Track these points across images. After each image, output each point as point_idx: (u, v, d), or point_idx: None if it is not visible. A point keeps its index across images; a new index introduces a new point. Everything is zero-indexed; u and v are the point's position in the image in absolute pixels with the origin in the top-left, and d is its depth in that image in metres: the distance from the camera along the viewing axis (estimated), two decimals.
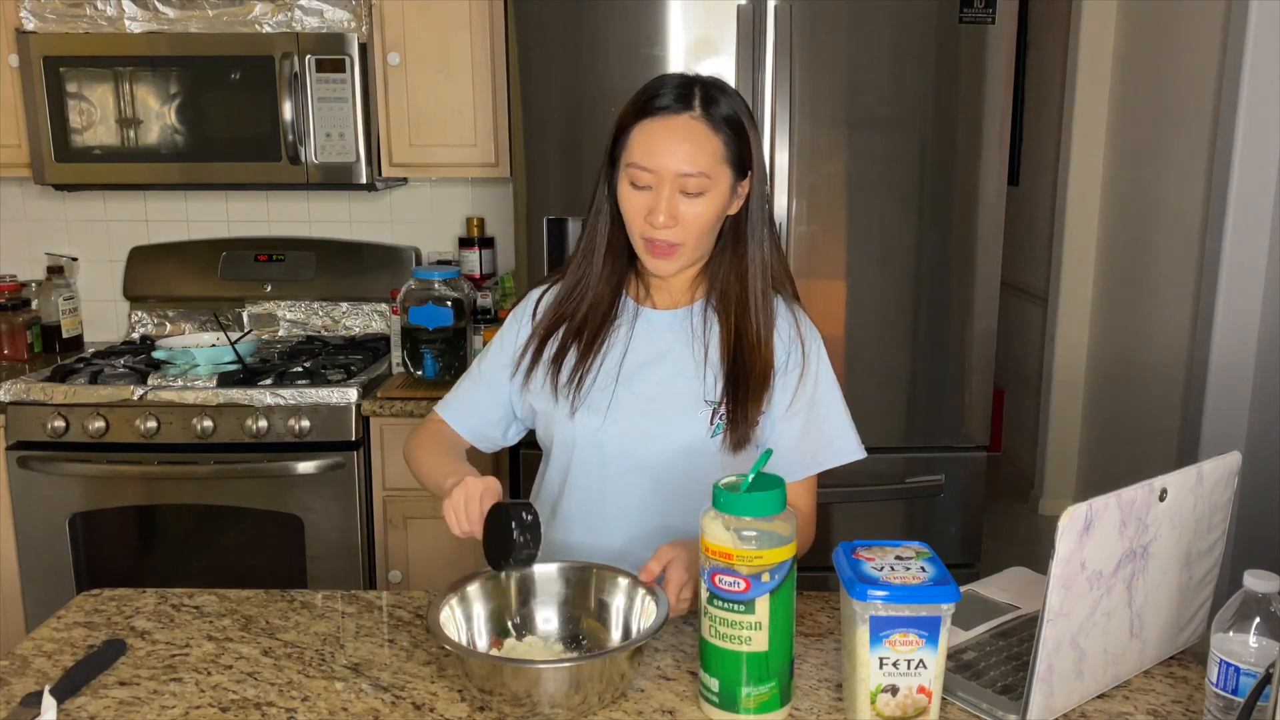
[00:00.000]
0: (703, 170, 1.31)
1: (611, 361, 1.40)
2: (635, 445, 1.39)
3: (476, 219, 2.81)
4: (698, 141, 1.31)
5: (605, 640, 1.19)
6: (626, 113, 1.35)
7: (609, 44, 2.14)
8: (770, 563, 1.03)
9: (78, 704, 1.11)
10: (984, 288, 2.24)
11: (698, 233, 1.34)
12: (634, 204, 1.33)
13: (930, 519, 2.32)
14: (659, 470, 1.39)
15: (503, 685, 1.04)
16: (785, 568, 1.04)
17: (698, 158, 1.31)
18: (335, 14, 2.44)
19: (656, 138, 1.31)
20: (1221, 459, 1.13)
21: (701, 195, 1.32)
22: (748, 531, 1.04)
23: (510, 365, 1.46)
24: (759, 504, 1.05)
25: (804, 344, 1.42)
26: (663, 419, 1.38)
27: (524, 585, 1.22)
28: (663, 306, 1.43)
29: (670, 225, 1.31)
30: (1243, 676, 0.99)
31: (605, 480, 1.41)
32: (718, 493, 1.07)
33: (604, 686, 1.07)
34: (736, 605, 1.04)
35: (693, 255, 1.36)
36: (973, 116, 2.16)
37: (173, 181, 2.55)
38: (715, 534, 1.05)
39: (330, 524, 2.34)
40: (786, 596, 1.06)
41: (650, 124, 1.31)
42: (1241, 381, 2.83)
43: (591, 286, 1.42)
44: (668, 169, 1.30)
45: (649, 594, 1.17)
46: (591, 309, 1.41)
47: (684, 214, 1.32)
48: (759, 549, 1.03)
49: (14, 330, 2.67)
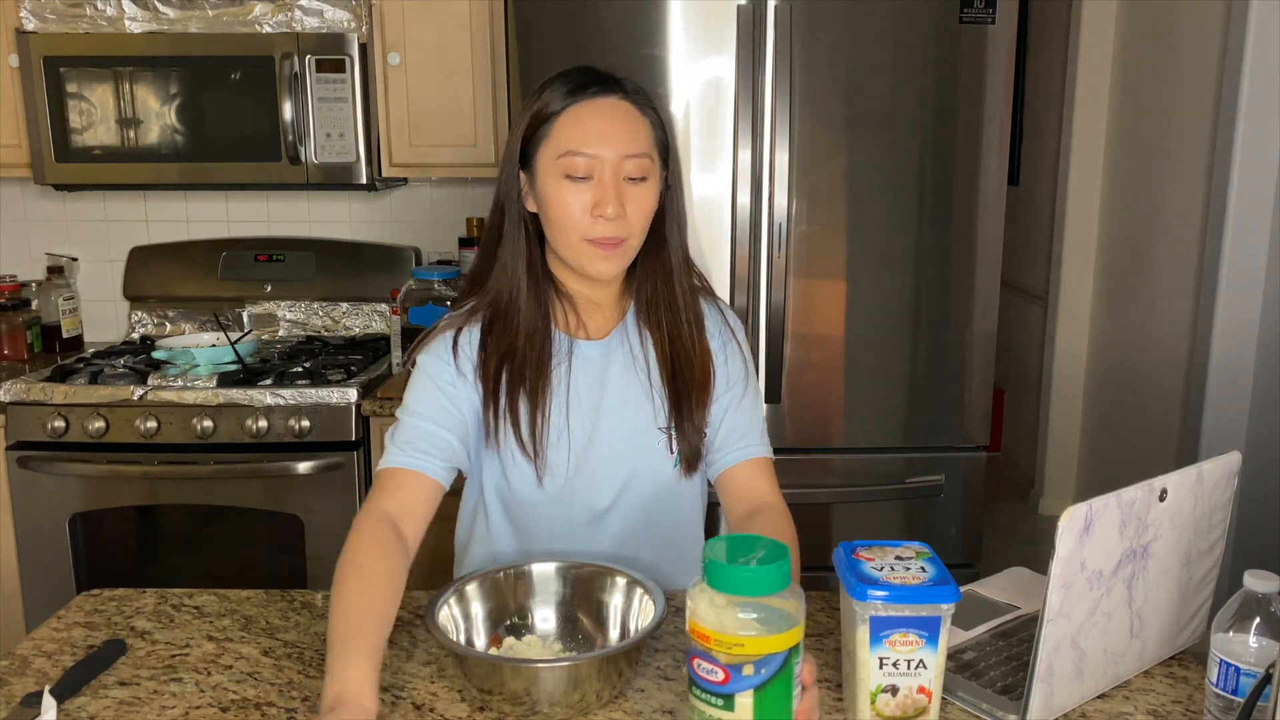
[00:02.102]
0: (643, 150, 1.22)
1: (558, 413, 1.29)
2: (598, 498, 1.34)
3: (476, 219, 2.81)
4: (633, 122, 1.22)
5: (604, 639, 1.19)
6: (542, 102, 1.22)
7: (609, 44, 2.14)
8: (754, 653, 0.85)
9: (78, 704, 1.11)
10: (984, 288, 2.24)
11: (642, 225, 1.24)
12: (572, 199, 1.20)
13: (930, 519, 2.32)
14: (626, 513, 1.35)
15: (502, 684, 1.05)
16: (777, 661, 0.85)
17: (637, 138, 1.21)
18: (335, 14, 2.44)
19: (591, 120, 1.20)
20: (1221, 459, 1.13)
21: (645, 180, 1.22)
22: (744, 613, 0.86)
23: (447, 402, 1.26)
24: (755, 580, 0.85)
25: (735, 333, 1.38)
26: (622, 463, 1.32)
27: (523, 585, 1.22)
28: (595, 332, 1.33)
29: (620, 214, 1.20)
30: (1243, 676, 0.99)
31: (572, 532, 1.35)
32: (707, 563, 0.88)
33: (602, 685, 1.07)
34: (713, 699, 0.88)
35: (633, 254, 1.26)
36: (973, 116, 2.16)
37: (173, 181, 2.54)
38: (699, 610, 0.88)
39: (330, 524, 2.34)
40: (779, 695, 0.86)
41: (581, 108, 1.21)
42: (1241, 381, 2.83)
43: (522, 324, 1.26)
44: (609, 153, 1.19)
45: (646, 592, 1.16)
46: (527, 350, 1.27)
47: (630, 203, 1.21)
48: (741, 635, 0.85)
49: (14, 330, 2.67)
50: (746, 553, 0.88)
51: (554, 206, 1.22)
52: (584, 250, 1.24)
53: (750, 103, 2.14)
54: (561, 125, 1.21)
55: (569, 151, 1.20)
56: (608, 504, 1.35)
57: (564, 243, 1.25)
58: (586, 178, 1.21)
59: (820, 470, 2.27)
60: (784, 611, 0.87)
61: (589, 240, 1.23)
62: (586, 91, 1.22)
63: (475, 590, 1.19)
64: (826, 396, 2.26)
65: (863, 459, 2.28)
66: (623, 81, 1.26)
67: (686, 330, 1.31)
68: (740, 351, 1.39)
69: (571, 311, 1.32)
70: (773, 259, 2.18)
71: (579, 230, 1.22)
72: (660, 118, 1.28)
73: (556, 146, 1.21)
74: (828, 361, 2.25)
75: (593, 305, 1.33)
